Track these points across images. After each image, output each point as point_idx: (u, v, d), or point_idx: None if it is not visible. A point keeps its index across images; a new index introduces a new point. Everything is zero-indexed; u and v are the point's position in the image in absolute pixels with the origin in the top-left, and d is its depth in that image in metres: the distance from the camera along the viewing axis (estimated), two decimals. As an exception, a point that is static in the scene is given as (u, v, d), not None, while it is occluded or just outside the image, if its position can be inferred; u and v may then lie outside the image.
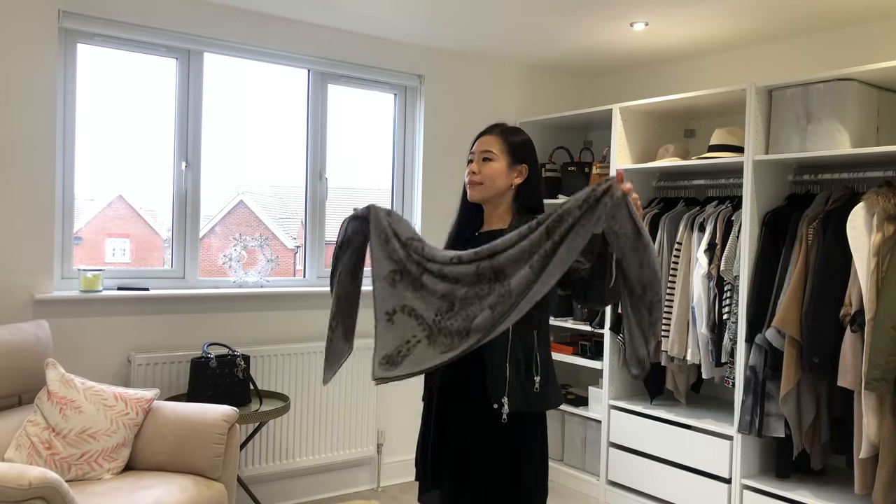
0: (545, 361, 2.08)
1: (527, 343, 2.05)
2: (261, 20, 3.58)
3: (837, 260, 2.94)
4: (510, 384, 2.00)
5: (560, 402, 2.17)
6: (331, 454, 3.77)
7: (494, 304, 1.77)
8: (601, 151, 4.35)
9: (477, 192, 2.16)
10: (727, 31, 3.64)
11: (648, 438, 3.68)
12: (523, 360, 2.03)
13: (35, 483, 2.08)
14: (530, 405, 2.03)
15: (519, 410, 2.01)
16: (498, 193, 2.15)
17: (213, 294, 3.48)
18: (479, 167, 2.16)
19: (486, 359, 2.02)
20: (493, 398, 2.00)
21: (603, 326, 3.94)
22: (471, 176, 2.17)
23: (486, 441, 2.04)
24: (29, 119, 3.05)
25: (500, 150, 2.16)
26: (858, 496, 3.00)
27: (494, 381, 2.01)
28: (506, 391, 1.99)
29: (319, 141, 3.87)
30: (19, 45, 3.02)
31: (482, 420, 2.03)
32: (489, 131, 2.21)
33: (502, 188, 2.15)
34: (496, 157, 2.15)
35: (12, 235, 3.04)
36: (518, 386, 2.01)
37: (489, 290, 1.78)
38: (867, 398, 2.78)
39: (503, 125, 2.22)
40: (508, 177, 2.15)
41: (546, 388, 2.06)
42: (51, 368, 2.72)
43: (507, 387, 2.00)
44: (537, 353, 2.06)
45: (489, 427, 2.03)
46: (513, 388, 2.00)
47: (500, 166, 2.15)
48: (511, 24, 3.65)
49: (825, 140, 3.09)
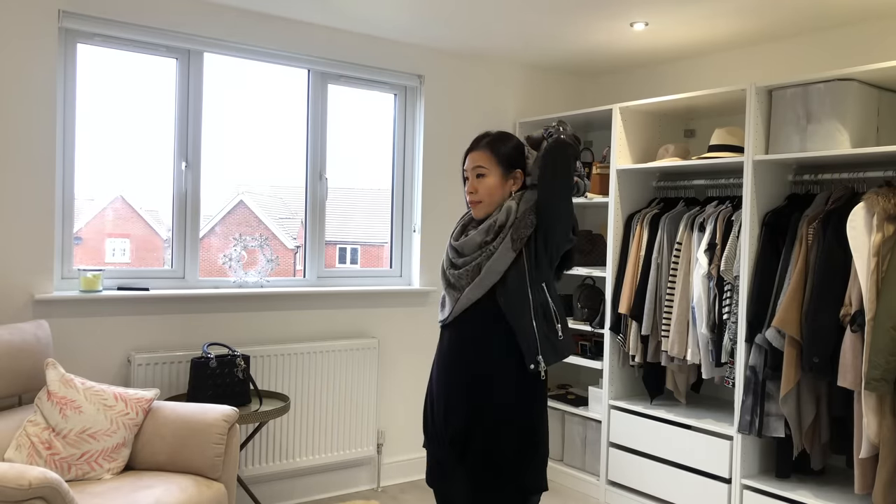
0: (559, 306, 2.18)
1: (541, 296, 2.13)
2: (261, 20, 3.58)
3: (837, 260, 2.94)
4: (540, 342, 2.09)
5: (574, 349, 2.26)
6: (331, 454, 3.77)
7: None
8: (601, 151, 4.35)
9: (479, 210, 2.22)
10: (727, 31, 3.64)
11: (648, 438, 3.68)
12: (543, 316, 2.11)
13: (35, 483, 2.08)
14: (559, 355, 2.14)
15: (551, 363, 2.11)
16: (500, 203, 2.20)
17: (213, 294, 3.48)
18: (474, 185, 2.21)
19: (515, 327, 2.09)
20: (528, 359, 2.08)
21: (603, 326, 3.94)
22: (470, 196, 2.23)
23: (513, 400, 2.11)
24: (29, 119, 3.05)
25: (490, 163, 2.20)
26: (858, 496, 3.00)
27: (527, 345, 2.08)
28: (538, 349, 2.08)
29: (319, 141, 3.86)
30: (19, 44, 3.02)
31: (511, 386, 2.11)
32: (475, 146, 2.24)
33: (503, 198, 2.20)
34: (488, 171, 2.20)
35: (12, 235, 3.04)
36: (546, 341, 2.10)
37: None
38: (867, 398, 2.78)
39: (488, 136, 2.25)
40: (505, 187, 2.20)
41: (566, 333, 2.18)
42: (51, 368, 2.72)
43: (538, 346, 2.08)
44: (552, 302, 2.15)
45: (516, 390, 2.11)
46: (543, 344, 2.09)
47: (495, 180, 2.19)
48: (511, 24, 3.65)
49: (825, 140, 3.09)
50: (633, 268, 3.78)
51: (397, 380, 4.07)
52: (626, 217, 3.91)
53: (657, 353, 3.68)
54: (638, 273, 3.75)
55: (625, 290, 3.78)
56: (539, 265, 2.13)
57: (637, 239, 3.78)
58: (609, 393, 3.89)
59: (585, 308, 4.14)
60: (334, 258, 4.07)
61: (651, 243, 3.71)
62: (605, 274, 3.94)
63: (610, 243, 3.90)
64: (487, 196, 2.19)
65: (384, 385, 4.02)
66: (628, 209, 3.92)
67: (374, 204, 4.17)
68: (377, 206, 4.16)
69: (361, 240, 4.19)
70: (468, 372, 2.16)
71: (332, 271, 3.96)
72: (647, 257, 3.72)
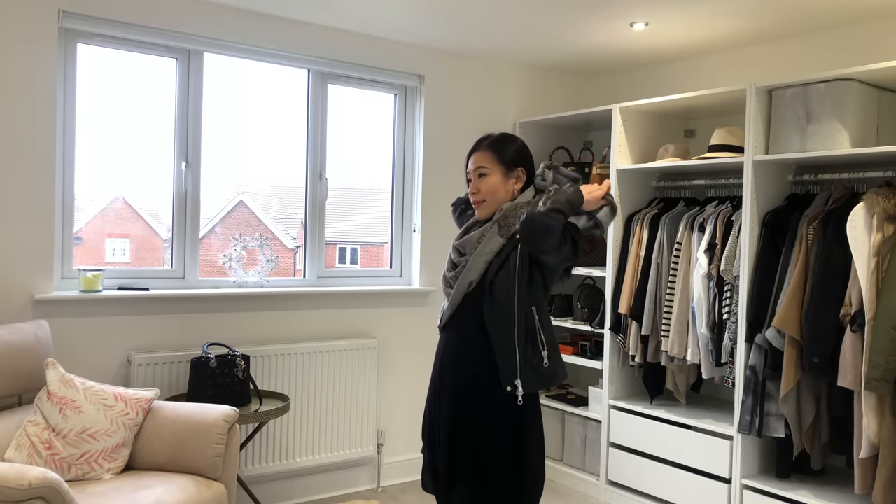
0: (549, 335, 2.13)
1: (529, 320, 2.08)
2: (261, 20, 3.58)
3: (837, 260, 2.94)
4: (521, 366, 2.04)
5: (566, 376, 2.21)
6: (331, 454, 3.77)
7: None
8: (601, 151, 4.35)
9: (483, 209, 2.20)
10: (727, 31, 3.64)
11: (648, 438, 3.68)
12: (528, 340, 2.07)
13: (35, 483, 2.08)
14: (543, 382, 2.08)
15: (532, 389, 2.05)
16: (502, 203, 2.18)
17: (213, 294, 3.48)
18: (477, 185, 2.19)
19: (494, 344, 2.05)
20: (505, 382, 2.03)
21: (603, 326, 3.94)
22: (473, 196, 2.21)
23: (491, 421, 2.07)
24: (29, 119, 3.05)
25: (491, 162, 2.19)
26: (858, 496, 3.00)
27: (505, 365, 2.04)
28: (517, 374, 2.03)
29: (319, 141, 3.86)
30: (19, 44, 3.02)
31: (489, 402, 2.07)
32: (477, 147, 2.24)
33: (505, 198, 2.18)
34: (490, 170, 2.18)
35: (12, 235, 3.04)
36: (527, 365, 2.05)
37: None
38: (867, 398, 2.78)
39: (490, 137, 2.24)
40: (507, 185, 2.19)
41: (553, 360, 2.11)
42: (51, 368, 2.72)
43: (517, 369, 2.03)
44: (540, 329, 2.10)
45: (495, 408, 2.06)
46: (524, 369, 2.04)
47: (497, 179, 2.18)
48: (511, 24, 3.65)
49: (825, 140, 3.09)
50: (633, 268, 3.78)
51: (397, 380, 4.07)
52: (626, 217, 3.91)
53: (657, 353, 3.68)
54: (638, 273, 3.75)
55: (625, 290, 3.78)
56: (532, 283, 2.08)
57: (637, 239, 3.78)
58: (609, 393, 3.89)
59: (585, 308, 4.14)
60: (334, 258, 4.07)
61: (651, 243, 3.71)
62: (605, 274, 3.94)
63: (610, 243, 3.90)
64: (490, 195, 2.18)
65: (384, 385, 4.02)
66: (628, 209, 3.92)
67: (374, 204, 4.17)
68: (377, 206, 4.16)
69: (361, 240, 4.19)
70: (454, 381, 2.14)
71: (332, 271, 3.96)
72: (647, 257, 3.72)
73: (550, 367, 2.10)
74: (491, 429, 2.07)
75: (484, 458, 2.08)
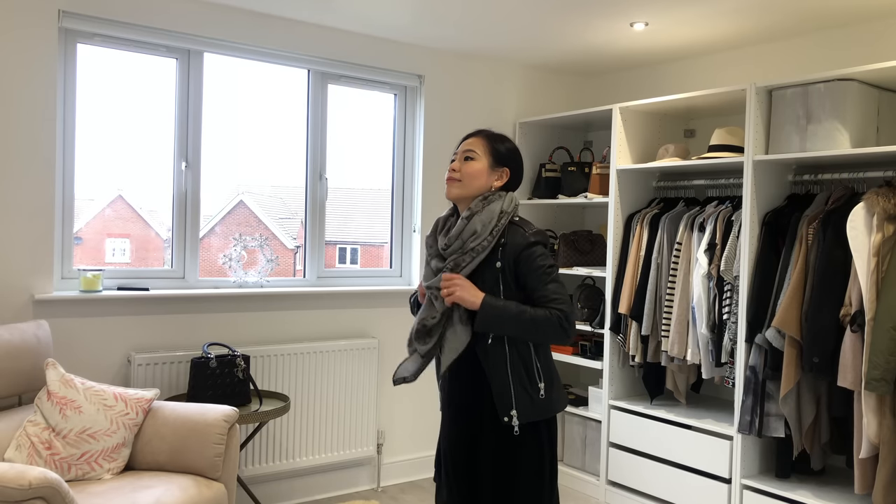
0: (546, 366, 2.09)
1: (524, 353, 2.05)
2: (261, 20, 3.58)
3: (837, 260, 2.94)
4: (516, 397, 2.02)
5: (566, 405, 2.18)
6: (331, 454, 3.77)
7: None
8: (601, 151, 4.35)
9: (455, 188, 2.12)
10: (727, 31, 3.64)
11: (648, 438, 3.68)
12: (524, 371, 2.04)
13: (35, 483, 2.08)
14: (538, 412, 2.04)
15: (528, 420, 2.03)
16: (476, 193, 2.12)
17: (213, 294, 3.48)
18: (459, 165, 2.12)
19: (490, 376, 2.03)
20: (501, 413, 2.01)
21: (603, 326, 3.94)
22: (450, 173, 2.13)
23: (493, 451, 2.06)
24: (29, 119, 3.05)
25: (483, 150, 2.13)
26: (858, 496, 3.00)
27: (500, 397, 2.02)
28: (513, 404, 2.01)
29: (319, 141, 3.87)
30: (19, 45, 3.02)
31: (490, 432, 2.06)
32: (475, 134, 2.18)
33: (481, 188, 2.12)
34: (478, 157, 2.12)
35: (12, 235, 3.04)
36: (524, 396, 2.02)
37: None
38: (867, 398, 2.78)
39: (490, 130, 2.20)
40: (489, 178, 2.12)
41: (551, 392, 2.07)
42: (51, 368, 2.72)
43: (513, 400, 2.01)
44: (536, 361, 2.07)
45: (496, 438, 2.05)
46: (519, 400, 2.02)
47: (482, 166, 2.12)
48: (511, 24, 3.65)
49: (825, 140, 3.09)
50: (633, 268, 3.78)
51: (397, 380, 4.07)
52: (626, 217, 3.91)
53: (657, 353, 3.68)
54: (638, 273, 3.75)
55: (625, 290, 3.78)
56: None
57: (637, 239, 3.78)
58: (609, 393, 3.89)
59: (585, 308, 4.14)
60: (334, 258, 4.07)
61: (651, 243, 3.71)
62: (605, 274, 3.94)
63: (610, 243, 3.90)
64: (468, 177, 2.11)
65: (384, 385, 4.02)
66: (628, 209, 3.92)
67: (374, 204, 4.17)
68: (377, 206, 4.16)
69: (361, 240, 4.19)
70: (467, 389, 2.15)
71: (332, 271, 3.96)
72: (647, 257, 3.72)
73: (547, 398, 2.06)
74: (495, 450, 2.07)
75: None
